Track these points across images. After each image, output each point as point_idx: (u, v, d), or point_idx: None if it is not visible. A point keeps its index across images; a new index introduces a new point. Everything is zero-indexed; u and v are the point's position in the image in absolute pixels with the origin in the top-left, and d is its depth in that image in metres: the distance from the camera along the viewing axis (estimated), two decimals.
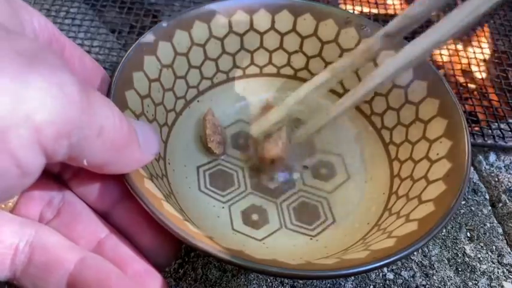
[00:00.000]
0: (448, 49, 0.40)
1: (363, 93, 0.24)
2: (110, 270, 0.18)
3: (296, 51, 0.31)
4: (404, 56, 0.23)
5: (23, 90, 0.13)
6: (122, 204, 0.21)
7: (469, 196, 0.31)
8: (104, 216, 0.21)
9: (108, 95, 0.22)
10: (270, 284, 0.25)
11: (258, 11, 0.30)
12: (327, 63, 0.30)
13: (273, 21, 0.30)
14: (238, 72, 0.31)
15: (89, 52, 0.37)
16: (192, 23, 0.28)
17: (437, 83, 0.26)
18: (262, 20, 0.30)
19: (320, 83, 0.24)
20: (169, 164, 0.26)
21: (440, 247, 0.28)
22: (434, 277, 0.26)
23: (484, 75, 0.39)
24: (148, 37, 0.26)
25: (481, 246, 0.28)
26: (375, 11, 0.44)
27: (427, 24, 0.24)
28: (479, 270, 0.27)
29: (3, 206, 0.19)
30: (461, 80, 0.38)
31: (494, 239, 0.29)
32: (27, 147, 0.13)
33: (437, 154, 0.24)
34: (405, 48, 0.23)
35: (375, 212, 0.25)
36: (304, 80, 0.31)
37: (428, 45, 0.22)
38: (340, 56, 0.30)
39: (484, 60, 0.40)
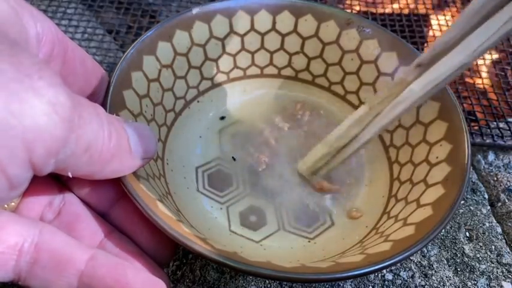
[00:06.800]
0: None
1: (389, 120, 0.23)
2: (125, 266, 0.18)
3: (297, 52, 0.31)
4: (427, 78, 0.21)
5: (18, 109, 0.13)
6: (120, 204, 0.21)
7: (468, 196, 0.31)
8: (103, 216, 0.21)
9: (105, 94, 0.22)
10: (269, 286, 0.25)
11: (259, 11, 0.29)
12: (328, 65, 0.30)
13: (274, 22, 0.30)
14: (238, 73, 0.31)
15: None
16: (192, 23, 0.28)
17: None
18: (263, 20, 0.30)
19: (359, 117, 0.24)
20: (167, 164, 0.26)
21: (439, 247, 0.28)
22: (433, 277, 0.26)
23: (483, 74, 0.39)
24: (148, 37, 0.26)
25: (480, 246, 0.28)
26: (372, 10, 0.44)
27: None
28: (479, 270, 0.27)
29: (5, 206, 0.19)
30: (460, 79, 0.37)
31: (494, 238, 0.29)
32: (17, 164, 0.14)
33: (437, 157, 0.24)
34: (429, 70, 0.21)
35: (373, 215, 0.25)
36: (305, 81, 0.31)
37: (453, 65, 0.20)
38: (342, 57, 0.30)
39: (483, 59, 0.40)
